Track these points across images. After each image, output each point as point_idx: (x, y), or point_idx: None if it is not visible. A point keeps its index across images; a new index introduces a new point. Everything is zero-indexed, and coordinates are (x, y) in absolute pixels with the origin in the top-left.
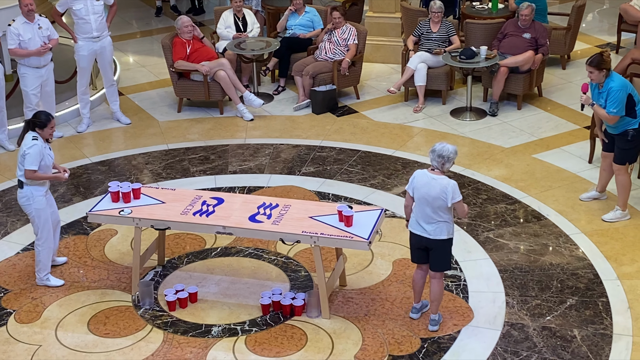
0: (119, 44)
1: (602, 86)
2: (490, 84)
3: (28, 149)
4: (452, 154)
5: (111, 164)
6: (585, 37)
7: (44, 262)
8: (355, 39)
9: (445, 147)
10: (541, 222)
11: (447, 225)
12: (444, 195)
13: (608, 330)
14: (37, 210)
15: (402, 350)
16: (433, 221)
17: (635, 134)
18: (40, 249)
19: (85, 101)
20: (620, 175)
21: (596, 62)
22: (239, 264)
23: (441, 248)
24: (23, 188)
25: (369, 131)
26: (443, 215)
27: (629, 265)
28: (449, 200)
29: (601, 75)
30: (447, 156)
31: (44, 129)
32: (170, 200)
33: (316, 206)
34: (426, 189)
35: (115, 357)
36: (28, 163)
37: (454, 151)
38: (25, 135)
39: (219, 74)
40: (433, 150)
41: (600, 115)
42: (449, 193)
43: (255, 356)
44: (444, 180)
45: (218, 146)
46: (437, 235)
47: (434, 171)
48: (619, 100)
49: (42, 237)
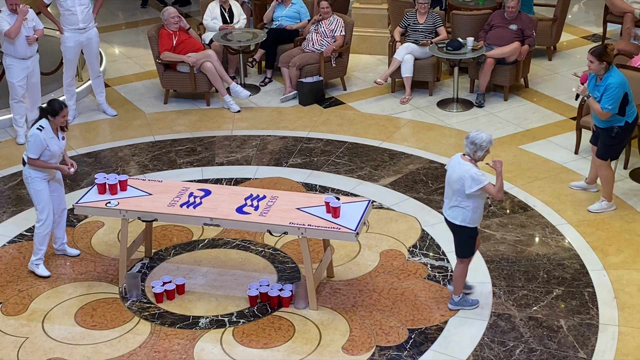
0: (105, 36)
1: (601, 79)
2: (477, 75)
3: (30, 136)
4: (486, 142)
5: (97, 156)
6: (572, 29)
7: (38, 246)
8: (343, 30)
9: (480, 135)
10: (528, 213)
11: (464, 212)
12: (461, 182)
13: (594, 320)
14: (36, 191)
15: (389, 341)
16: (452, 203)
17: (619, 132)
18: (37, 231)
19: (71, 93)
20: (603, 170)
21: (598, 52)
22: (226, 256)
23: (457, 233)
24: (25, 166)
25: (356, 122)
26: (460, 200)
27: (615, 255)
28: (466, 187)
29: (600, 67)
30: (479, 144)
31: (55, 117)
32: (157, 192)
33: (303, 197)
34: (451, 172)
35: (102, 349)
36: (29, 150)
37: (488, 140)
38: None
39: (206, 66)
40: (467, 137)
41: (594, 109)
42: (466, 180)
43: (243, 347)
44: (465, 167)
45: (205, 138)
46: (453, 218)
47: (464, 157)
48: (616, 98)
49: (41, 219)
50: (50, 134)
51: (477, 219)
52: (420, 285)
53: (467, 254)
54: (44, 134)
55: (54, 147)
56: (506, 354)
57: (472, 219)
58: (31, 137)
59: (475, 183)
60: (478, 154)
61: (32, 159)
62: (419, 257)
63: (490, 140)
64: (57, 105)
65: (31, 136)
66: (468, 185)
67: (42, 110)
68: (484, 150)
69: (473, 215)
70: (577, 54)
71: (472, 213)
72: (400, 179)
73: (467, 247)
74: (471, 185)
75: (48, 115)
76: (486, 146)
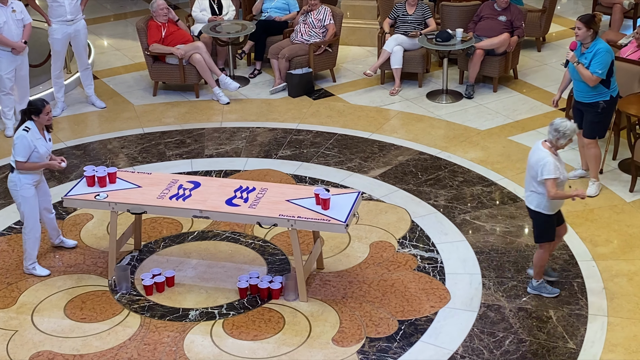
0: (93, 27)
1: (587, 47)
2: (466, 66)
3: (16, 138)
4: (569, 130)
5: (86, 148)
6: (561, 20)
7: (29, 252)
8: (332, 19)
9: (564, 123)
10: (517, 204)
11: (538, 198)
12: (536, 167)
13: (583, 310)
14: (24, 198)
15: (379, 333)
16: (530, 188)
17: (605, 106)
18: (26, 237)
19: (60, 85)
20: (592, 149)
21: (586, 19)
22: (216, 248)
23: (534, 218)
24: (13, 173)
25: (345, 114)
26: (535, 185)
27: (604, 246)
28: (538, 174)
29: (587, 34)
30: (563, 131)
31: (39, 115)
32: (146, 185)
33: (293, 189)
34: (530, 156)
35: (92, 342)
36: (16, 153)
37: (572, 129)
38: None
39: (195, 57)
40: (552, 124)
41: (584, 75)
42: (539, 167)
43: (233, 339)
44: (542, 154)
45: (194, 130)
46: (528, 202)
47: (545, 143)
48: (605, 62)
49: (28, 225)
50: (37, 134)
51: (553, 207)
52: (410, 276)
53: (543, 240)
54: (31, 135)
55: (42, 149)
56: (496, 344)
57: (546, 205)
58: (18, 140)
59: (544, 172)
60: (561, 141)
61: (20, 163)
62: (408, 248)
63: (574, 129)
64: (40, 103)
65: (18, 138)
66: (540, 172)
67: (25, 111)
68: (567, 139)
69: (548, 202)
70: (566, 45)
71: (547, 200)
72: (389, 170)
73: (544, 233)
74: (542, 173)
75: (32, 116)
76: (570, 134)
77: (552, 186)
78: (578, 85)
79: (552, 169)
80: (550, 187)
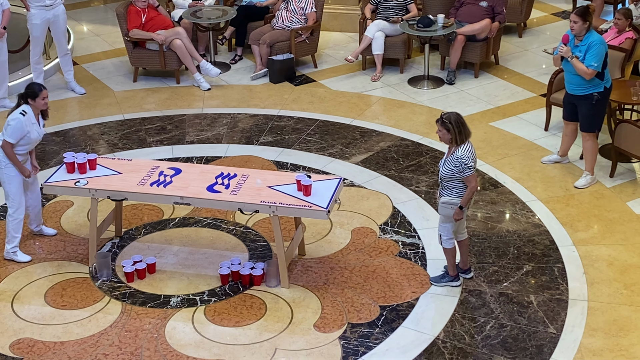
0: (73, 13)
1: (581, 40)
2: (448, 52)
3: (12, 120)
4: None
5: (66, 135)
6: (542, 5)
7: (13, 234)
8: (313, 7)
9: None
10: (498, 190)
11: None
12: None
13: (564, 295)
14: (9, 177)
15: (361, 318)
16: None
17: (599, 98)
18: (10, 219)
19: (39, 71)
20: (589, 141)
21: (582, 12)
22: (197, 235)
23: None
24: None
25: (326, 100)
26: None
27: (584, 231)
28: None
29: (583, 26)
30: None
31: (36, 99)
32: (127, 171)
33: (275, 176)
34: None
35: (73, 329)
36: (7, 134)
37: None
38: (16, 108)
39: (175, 43)
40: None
41: (579, 69)
42: None
43: (215, 326)
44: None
45: (175, 116)
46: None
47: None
48: (600, 55)
49: (13, 205)
50: (33, 119)
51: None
52: (392, 262)
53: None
54: (27, 119)
55: (34, 134)
56: (477, 329)
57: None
58: (13, 122)
59: None
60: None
61: (7, 143)
62: (390, 234)
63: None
64: (37, 87)
65: (13, 120)
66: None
67: (22, 95)
68: None
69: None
70: (547, 30)
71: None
72: (371, 156)
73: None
74: None
75: (28, 99)
76: None
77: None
78: (571, 78)
79: None
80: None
